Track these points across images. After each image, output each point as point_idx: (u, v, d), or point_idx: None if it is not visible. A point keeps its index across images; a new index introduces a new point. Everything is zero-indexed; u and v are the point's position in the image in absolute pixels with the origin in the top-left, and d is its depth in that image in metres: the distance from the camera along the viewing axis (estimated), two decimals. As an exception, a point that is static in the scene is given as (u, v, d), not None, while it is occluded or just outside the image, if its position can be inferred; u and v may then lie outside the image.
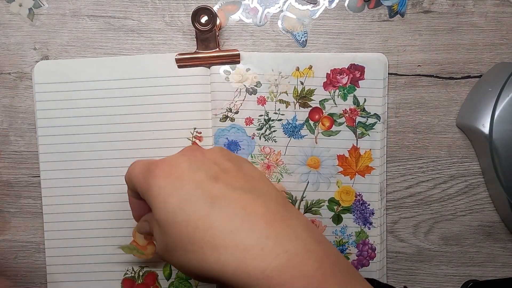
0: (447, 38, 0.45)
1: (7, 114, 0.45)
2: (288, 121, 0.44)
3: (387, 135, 0.45)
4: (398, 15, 0.45)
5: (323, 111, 0.44)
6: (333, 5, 0.45)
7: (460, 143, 0.45)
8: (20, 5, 0.45)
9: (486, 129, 0.41)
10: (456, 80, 0.45)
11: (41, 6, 0.45)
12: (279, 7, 0.45)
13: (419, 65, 0.45)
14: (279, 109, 0.44)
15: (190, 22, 0.44)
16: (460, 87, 0.45)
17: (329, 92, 0.44)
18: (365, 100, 0.44)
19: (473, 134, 0.44)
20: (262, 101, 0.44)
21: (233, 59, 0.44)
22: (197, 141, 0.44)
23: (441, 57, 0.45)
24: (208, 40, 0.43)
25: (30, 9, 0.45)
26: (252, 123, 0.44)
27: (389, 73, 0.45)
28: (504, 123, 0.40)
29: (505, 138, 0.40)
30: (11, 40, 0.45)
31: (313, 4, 0.45)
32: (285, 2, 0.45)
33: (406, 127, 0.45)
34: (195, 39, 0.43)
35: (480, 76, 0.45)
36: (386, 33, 0.44)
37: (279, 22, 0.45)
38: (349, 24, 0.45)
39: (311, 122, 0.44)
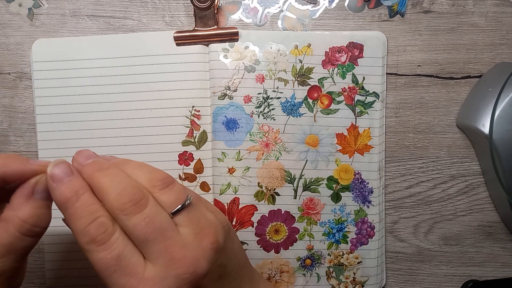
0: (447, 38, 0.45)
1: (7, 114, 0.45)
2: (286, 99, 0.44)
3: (386, 115, 0.45)
4: (398, 15, 0.45)
5: (322, 89, 0.44)
6: (333, 5, 0.45)
7: (460, 143, 0.45)
8: (20, 5, 0.45)
9: (486, 129, 0.41)
10: (456, 80, 0.45)
11: (41, 6, 0.45)
12: (279, 7, 0.45)
13: (419, 65, 0.45)
14: (278, 87, 0.44)
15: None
16: (460, 87, 0.45)
17: (328, 70, 0.44)
18: (364, 79, 0.44)
19: (473, 134, 0.44)
20: (260, 79, 0.44)
21: (232, 37, 0.44)
22: (195, 119, 0.44)
23: (441, 57, 0.45)
24: (206, 18, 0.43)
25: (30, 9, 0.45)
26: (251, 101, 0.44)
27: (389, 73, 0.45)
28: (504, 123, 0.40)
29: (505, 138, 0.40)
30: (11, 40, 0.45)
31: (313, 4, 0.45)
32: (285, 2, 0.45)
33: (406, 127, 0.45)
34: (193, 17, 0.43)
35: (480, 76, 0.45)
36: (386, 33, 0.44)
37: (279, 22, 0.45)
38: (349, 24, 0.45)
39: (310, 100, 0.44)
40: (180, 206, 0.29)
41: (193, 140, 0.44)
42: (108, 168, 0.29)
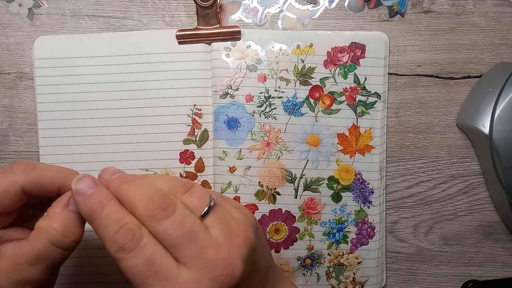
0: (447, 38, 0.45)
1: (7, 114, 0.45)
2: (288, 98, 0.44)
3: (387, 116, 0.45)
4: (398, 15, 0.45)
5: (324, 89, 0.44)
6: (333, 5, 0.45)
7: (460, 143, 0.45)
8: (20, 5, 0.44)
9: (486, 129, 0.41)
10: (456, 80, 0.45)
11: (41, 6, 0.45)
12: (279, 7, 0.45)
13: (419, 65, 0.45)
14: (280, 86, 0.44)
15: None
16: (460, 87, 0.45)
17: (330, 70, 0.44)
18: (365, 79, 0.44)
19: (473, 134, 0.44)
20: (262, 78, 0.44)
21: (234, 36, 0.44)
22: (197, 117, 0.44)
23: (441, 57, 0.45)
24: (208, 16, 0.43)
25: (30, 9, 0.45)
26: (252, 100, 0.44)
27: (389, 73, 0.45)
28: (504, 123, 0.40)
29: (505, 138, 0.40)
30: (11, 40, 0.45)
31: (313, 4, 0.45)
32: (285, 2, 0.45)
33: (406, 127, 0.45)
34: (196, 15, 0.43)
35: (480, 76, 0.45)
36: (386, 33, 0.44)
37: (279, 22, 0.45)
38: (349, 24, 0.45)
39: (312, 100, 0.44)
40: (207, 208, 0.29)
41: (194, 139, 0.44)
42: (134, 180, 0.29)
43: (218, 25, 0.43)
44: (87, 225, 0.30)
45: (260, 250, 0.31)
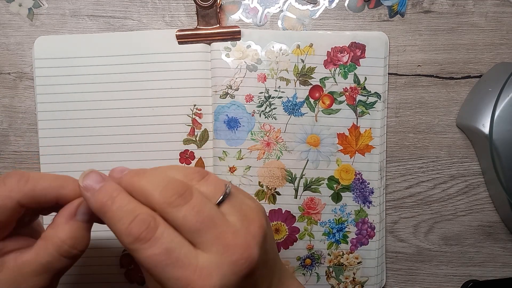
0: (447, 38, 0.45)
1: (7, 114, 0.45)
2: (288, 98, 0.44)
3: (387, 116, 0.45)
4: (398, 15, 0.45)
5: (324, 89, 0.44)
6: (333, 5, 0.45)
7: (460, 143, 0.45)
8: (20, 5, 0.44)
9: (486, 129, 0.41)
10: (456, 80, 0.45)
11: (41, 6, 0.45)
12: (279, 7, 0.45)
13: (419, 65, 0.45)
14: (280, 86, 0.44)
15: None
16: (460, 87, 0.45)
17: (330, 70, 0.44)
18: (365, 79, 0.44)
19: (473, 134, 0.44)
20: (262, 78, 0.44)
21: (234, 36, 0.44)
22: (197, 118, 0.44)
23: (441, 57, 0.45)
24: (209, 16, 0.43)
25: (30, 9, 0.45)
26: (252, 100, 0.44)
27: (389, 73, 0.45)
28: (504, 123, 0.40)
29: (505, 138, 0.40)
30: (11, 40, 0.45)
31: (313, 4, 0.45)
32: (285, 2, 0.45)
33: (406, 127, 0.45)
34: (196, 15, 0.43)
35: (480, 76, 0.45)
36: (386, 33, 0.44)
37: (279, 22, 0.45)
38: (349, 24, 0.45)
39: (312, 100, 0.44)
40: (222, 195, 0.29)
41: (194, 139, 0.44)
42: (145, 172, 0.29)
43: (218, 25, 0.43)
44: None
45: (270, 239, 0.32)
